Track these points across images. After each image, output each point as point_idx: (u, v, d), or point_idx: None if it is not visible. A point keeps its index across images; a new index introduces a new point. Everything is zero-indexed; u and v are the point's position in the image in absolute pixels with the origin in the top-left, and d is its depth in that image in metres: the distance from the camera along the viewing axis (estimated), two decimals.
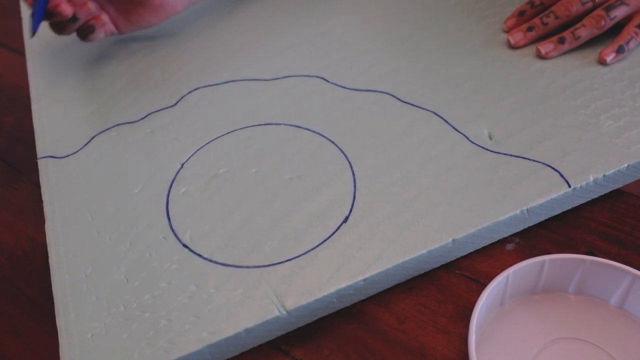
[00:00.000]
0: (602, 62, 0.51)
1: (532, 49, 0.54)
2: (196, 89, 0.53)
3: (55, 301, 0.38)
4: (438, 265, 0.41)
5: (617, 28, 0.52)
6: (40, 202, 0.44)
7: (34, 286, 0.42)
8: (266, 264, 0.39)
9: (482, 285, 0.36)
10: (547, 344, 0.36)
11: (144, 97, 0.52)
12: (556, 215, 0.43)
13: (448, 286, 0.40)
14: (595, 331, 0.37)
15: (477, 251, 0.42)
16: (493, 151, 0.45)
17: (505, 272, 0.36)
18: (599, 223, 0.43)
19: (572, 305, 0.38)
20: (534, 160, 0.43)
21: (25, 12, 0.64)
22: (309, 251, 0.39)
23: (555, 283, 0.38)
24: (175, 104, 0.52)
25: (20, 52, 0.63)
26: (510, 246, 0.42)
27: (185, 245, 0.40)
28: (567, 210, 0.43)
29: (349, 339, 0.38)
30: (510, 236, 0.42)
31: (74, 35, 0.54)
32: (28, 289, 0.42)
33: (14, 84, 0.60)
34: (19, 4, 0.67)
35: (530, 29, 0.54)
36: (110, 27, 0.54)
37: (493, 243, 0.42)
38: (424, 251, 0.39)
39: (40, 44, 0.60)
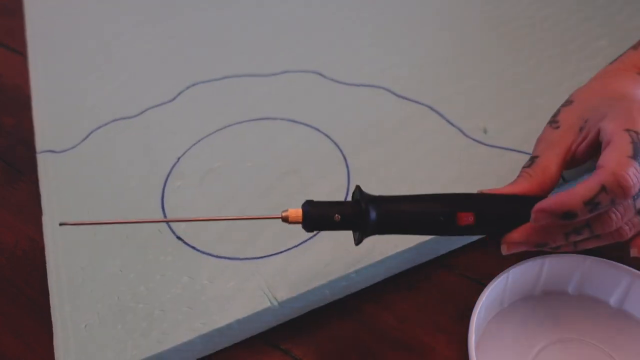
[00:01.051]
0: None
1: (528, 46, 0.54)
2: (194, 84, 0.53)
3: (50, 293, 0.38)
4: (430, 258, 0.41)
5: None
6: (40, 202, 0.44)
7: (34, 286, 0.42)
8: (259, 256, 0.39)
9: (482, 285, 0.35)
10: (547, 344, 0.36)
11: (142, 92, 0.53)
12: None
13: (448, 286, 0.40)
14: (595, 331, 0.37)
15: (476, 251, 0.42)
16: (487, 145, 0.45)
17: (505, 272, 0.36)
18: None
19: (572, 305, 0.38)
20: (527, 154, 0.43)
21: (29, 11, 0.65)
22: (301, 243, 0.40)
23: (555, 283, 0.38)
24: (173, 99, 0.52)
25: (20, 52, 0.64)
26: None
27: (179, 238, 0.41)
28: None
29: (348, 339, 0.38)
30: None
31: (75, 32, 0.54)
32: (28, 289, 0.42)
33: (14, 84, 0.60)
34: (19, 3, 0.67)
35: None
36: None
37: (493, 243, 0.41)
38: (416, 244, 0.39)
39: (41, 41, 0.60)
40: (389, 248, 0.39)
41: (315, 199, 0.42)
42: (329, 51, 0.56)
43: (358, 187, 0.34)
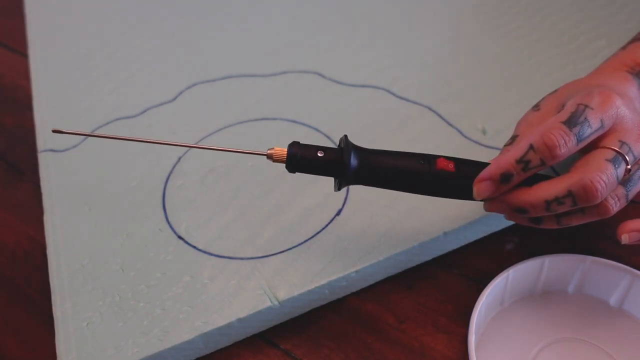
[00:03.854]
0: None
1: (527, 44, 0.54)
2: (194, 84, 0.54)
3: (52, 291, 0.38)
4: (430, 258, 0.41)
5: None
6: (41, 202, 0.45)
7: (35, 286, 0.42)
8: (260, 255, 0.39)
9: (482, 285, 0.36)
10: (547, 344, 0.36)
11: (143, 92, 0.53)
12: None
13: (448, 286, 0.40)
14: (595, 331, 0.37)
15: (476, 251, 0.42)
16: (486, 145, 0.45)
17: (505, 272, 0.36)
18: (598, 223, 0.43)
19: (572, 305, 0.38)
20: None
21: (29, 11, 0.65)
22: (302, 243, 0.40)
23: (554, 283, 0.38)
24: (174, 99, 0.52)
25: (21, 53, 0.64)
26: (510, 246, 0.42)
27: (180, 237, 0.41)
28: None
29: (348, 339, 0.38)
30: (510, 236, 0.42)
31: (75, 32, 0.54)
32: (29, 289, 0.42)
33: (15, 84, 0.60)
34: (20, 4, 0.67)
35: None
36: None
37: (493, 243, 0.42)
38: (416, 244, 0.39)
39: (42, 41, 0.60)
40: (389, 248, 0.39)
41: (315, 198, 0.43)
42: (329, 51, 0.56)
43: (345, 136, 0.35)
